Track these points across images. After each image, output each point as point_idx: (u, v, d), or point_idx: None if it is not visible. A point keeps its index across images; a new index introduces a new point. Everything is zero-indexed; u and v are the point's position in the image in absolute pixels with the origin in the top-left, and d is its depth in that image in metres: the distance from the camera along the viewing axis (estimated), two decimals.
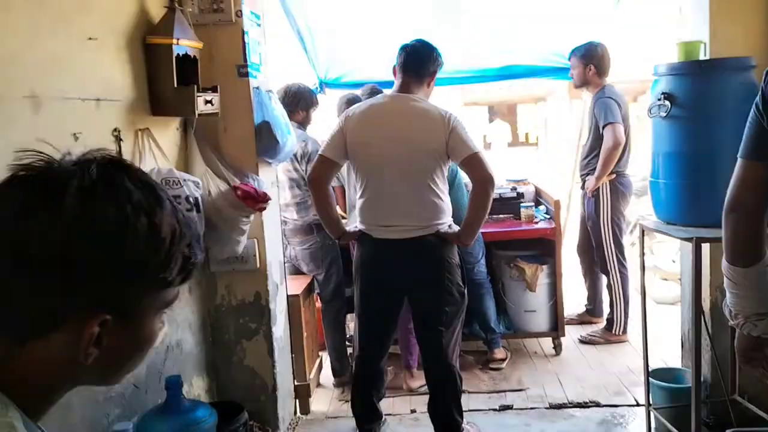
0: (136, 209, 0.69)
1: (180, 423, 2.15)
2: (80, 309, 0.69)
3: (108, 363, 0.74)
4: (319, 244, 3.42)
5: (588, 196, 3.74)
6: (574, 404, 3.08)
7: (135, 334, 0.74)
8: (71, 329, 0.69)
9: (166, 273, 0.72)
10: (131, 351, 0.76)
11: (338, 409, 3.16)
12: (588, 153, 3.76)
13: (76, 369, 0.72)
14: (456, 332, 2.63)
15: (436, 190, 2.51)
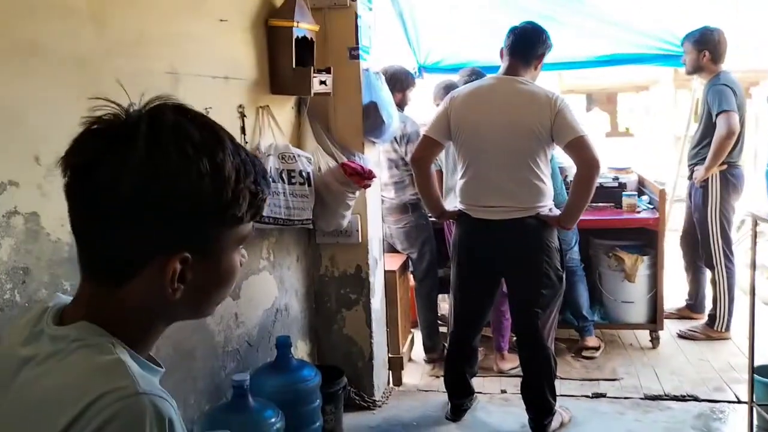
0: (198, 151, 0.72)
1: (288, 379, 2.32)
2: (160, 249, 0.73)
3: (196, 297, 0.78)
4: (414, 223, 3.51)
5: (696, 186, 3.61)
6: (671, 397, 3.02)
7: (216, 268, 0.78)
8: (156, 269, 0.74)
9: (235, 209, 0.75)
10: (216, 284, 0.80)
11: (429, 384, 3.26)
12: (698, 142, 3.62)
13: (168, 305, 0.77)
14: (552, 315, 2.64)
15: (539, 173, 2.53)
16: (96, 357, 0.71)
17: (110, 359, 0.71)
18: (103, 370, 0.70)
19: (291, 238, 2.77)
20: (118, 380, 0.68)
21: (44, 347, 0.75)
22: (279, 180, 2.47)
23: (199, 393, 2.14)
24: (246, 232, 0.80)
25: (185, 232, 0.74)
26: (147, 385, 0.69)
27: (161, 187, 0.71)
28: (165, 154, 0.71)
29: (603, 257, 3.66)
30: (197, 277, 0.76)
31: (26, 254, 1.51)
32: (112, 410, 0.65)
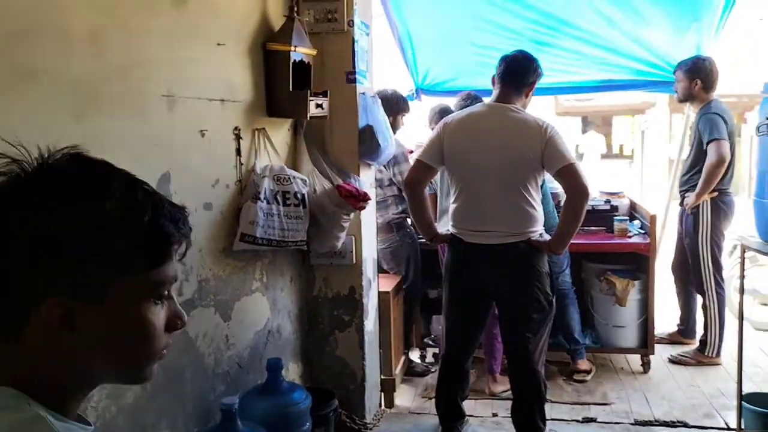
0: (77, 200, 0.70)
1: (279, 402, 2.32)
2: (36, 297, 0.70)
3: (104, 352, 0.73)
4: (399, 242, 3.59)
5: (687, 212, 3.65)
6: (661, 422, 3.02)
7: (116, 320, 0.73)
8: (40, 319, 0.70)
9: (122, 257, 0.71)
10: (122, 338, 0.74)
11: (421, 406, 3.26)
12: (689, 169, 3.67)
13: (73, 358, 0.72)
14: (543, 339, 2.66)
15: (530, 199, 2.56)
16: (14, 416, 0.68)
17: (30, 416, 0.68)
18: (24, 428, 0.67)
19: (285, 259, 2.78)
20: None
21: None
22: (273, 201, 2.49)
23: (187, 416, 2.14)
24: (154, 280, 0.74)
25: (65, 278, 0.70)
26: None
27: (35, 234, 0.69)
28: (43, 203, 0.70)
29: (594, 281, 3.68)
30: (94, 328, 0.72)
31: None
32: None
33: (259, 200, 2.42)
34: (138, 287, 0.73)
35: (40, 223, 0.69)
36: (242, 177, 2.43)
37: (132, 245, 0.71)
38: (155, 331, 0.75)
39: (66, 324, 0.70)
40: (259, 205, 2.42)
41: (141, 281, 0.73)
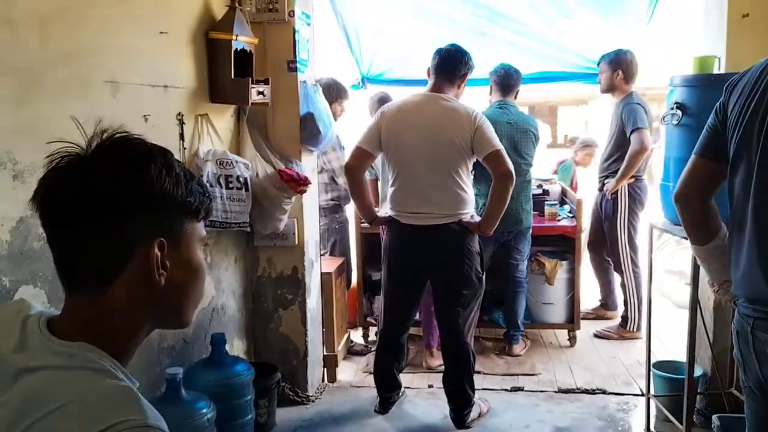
0: (146, 158, 0.85)
1: (222, 374, 2.45)
2: (138, 242, 0.84)
3: (176, 292, 0.88)
4: (326, 226, 3.79)
5: (607, 197, 3.91)
6: (582, 390, 3.28)
7: (187, 260, 0.89)
8: (138, 261, 0.84)
9: (192, 202, 0.87)
10: (190, 278, 0.90)
11: (362, 380, 3.43)
12: (609, 156, 3.92)
13: (154, 302, 0.86)
14: (472, 313, 2.86)
15: (461, 182, 2.74)
16: (106, 384, 0.78)
17: (122, 388, 0.78)
18: (116, 399, 0.76)
19: (229, 240, 2.90)
20: (130, 411, 0.74)
21: (45, 359, 0.80)
22: (216, 185, 2.60)
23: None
24: (203, 232, 0.92)
25: (156, 222, 0.85)
26: (155, 418, 0.76)
27: (125, 189, 0.83)
28: (120, 164, 0.84)
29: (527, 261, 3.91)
30: (174, 268, 0.86)
31: None
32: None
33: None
34: (198, 236, 0.91)
35: (127, 179, 0.83)
36: (186, 161, 2.53)
37: (194, 195, 0.88)
38: (205, 274, 0.93)
39: (162, 263, 0.86)
40: None
41: (199, 230, 0.91)
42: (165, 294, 0.87)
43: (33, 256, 1.77)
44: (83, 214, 0.82)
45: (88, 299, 0.85)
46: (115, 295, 0.84)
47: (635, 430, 2.89)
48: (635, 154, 3.69)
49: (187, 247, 0.89)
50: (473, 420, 2.89)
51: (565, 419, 2.97)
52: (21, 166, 1.76)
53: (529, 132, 3.55)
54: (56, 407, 0.75)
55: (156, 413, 0.79)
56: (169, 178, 0.86)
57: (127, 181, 0.83)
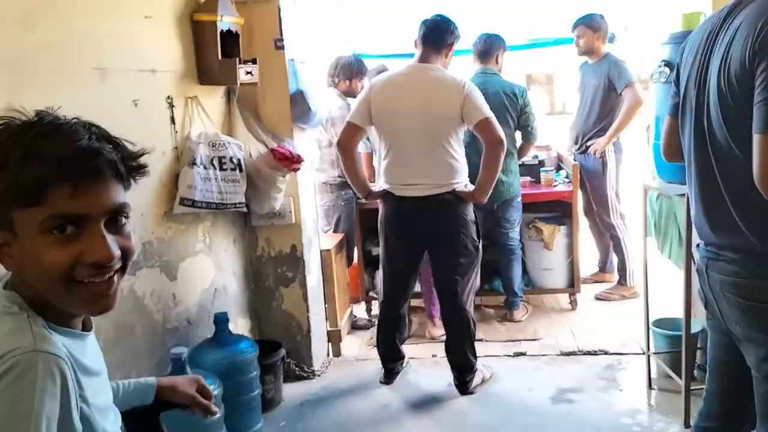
0: None
1: (226, 353, 2.49)
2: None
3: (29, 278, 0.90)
4: (332, 203, 3.83)
5: (596, 157, 3.93)
6: (584, 352, 3.32)
7: (23, 249, 0.88)
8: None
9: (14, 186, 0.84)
10: (31, 268, 0.89)
11: (367, 353, 3.47)
12: (597, 116, 3.94)
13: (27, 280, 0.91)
14: (470, 281, 2.89)
15: (452, 152, 2.76)
16: (10, 323, 0.87)
17: (18, 324, 0.86)
18: (11, 333, 0.85)
19: (227, 221, 2.93)
20: (18, 341, 0.83)
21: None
22: (210, 166, 2.62)
23: (141, 368, 2.29)
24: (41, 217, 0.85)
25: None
26: (44, 344, 0.84)
27: None
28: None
29: (524, 228, 3.94)
30: (16, 255, 0.88)
31: None
32: (9, 363, 0.80)
33: (196, 165, 2.55)
34: (34, 222, 0.86)
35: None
36: (178, 144, 2.55)
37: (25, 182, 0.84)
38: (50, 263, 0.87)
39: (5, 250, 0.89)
40: (196, 170, 2.55)
41: (32, 216, 0.85)
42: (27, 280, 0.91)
43: None
44: None
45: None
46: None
47: (637, 388, 2.93)
48: (631, 109, 3.76)
49: (22, 234, 0.87)
50: (476, 386, 2.94)
51: (567, 380, 3.02)
52: None
53: (510, 99, 3.53)
54: None
55: (52, 341, 0.86)
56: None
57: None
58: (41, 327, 0.88)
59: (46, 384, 0.81)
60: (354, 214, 3.83)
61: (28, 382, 0.81)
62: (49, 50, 1.90)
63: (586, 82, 4.02)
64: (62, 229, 0.87)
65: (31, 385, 0.80)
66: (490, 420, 2.72)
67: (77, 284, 0.89)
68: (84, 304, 0.92)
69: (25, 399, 0.80)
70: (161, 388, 1.28)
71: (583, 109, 4.06)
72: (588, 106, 4.00)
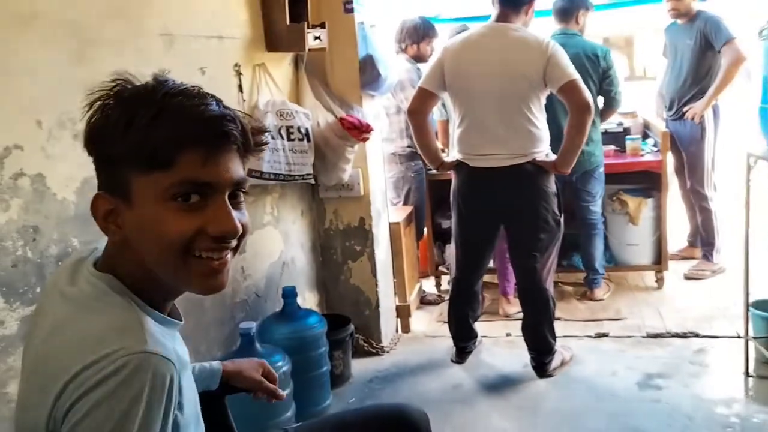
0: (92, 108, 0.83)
1: (295, 327, 2.43)
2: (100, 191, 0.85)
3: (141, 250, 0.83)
4: (401, 174, 3.69)
5: (695, 122, 3.61)
6: (672, 334, 3.08)
7: (140, 218, 0.82)
8: (96, 214, 0.85)
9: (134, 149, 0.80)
10: (147, 238, 0.83)
11: (437, 330, 3.36)
12: (692, 79, 3.62)
13: (134, 254, 0.84)
14: (551, 258, 2.71)
15: (533, 119, 2.56)
16: (116, 314, 0.80)
17: (126, 318, 0.80)
18: (119, 328, 0.78)
19: (294, 193, 2.85)
20: (129, 339, 0.76)
21: (82, 289, 0.84)
22: (278, 136, 2.54)
23: (210, 341, 2.27)
24: (166, 183, 0.80)
25: (104, 176, 0.84)
26: (156, 345, 0.77)
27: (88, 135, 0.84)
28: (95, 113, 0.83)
29: (608, 201, 3.69)
30: (129, 225, 0.83)
31: (35, 213, 1.61)
32: (118, 364, 0.73)
33: None
34: (158, 189, 0.80)
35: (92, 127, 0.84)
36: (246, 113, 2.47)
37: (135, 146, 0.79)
38: (170, 232, 0.81)
39: (115, 218, 0.84)
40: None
41: (158, 183, 0.80)
42: (129, 250, 0.84)
43: None
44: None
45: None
46: (109, 243, 0.88)
47: (732, 375, 2.69)
48: (732, 67, 3.43)
49: (140, 202, 0.82)
50: (556, 368, 2.78)
51: (655, 365, 2.80)
52: (81, 126, 1.73)
53: (591, 61, 3.25)
54: (66, 337, 0.79)
55: (163, 343, 0.79)
56: (106, 125, 0.81)
57: (92, 129, 0.84)
58: (147, 318, 0.82)
59: (155, 393, 0.74)
60: (424, 186, 3.69)
61: (136, 390, 0.73)
62: (115, 14, 1.84)
63: (677, 43, 3.68)
64: (187, 197, 0.81)
65: (138, 394, 0.73)
66: (571, 405, 2.56)
67: (193, 258, 0.83)
68: (199, 280, 0.85)
69: (131, 410, 0.73)
70: (227, 373, 1.22)
71: (675, 73, 3.74)
72: (681, 69, 3.67)
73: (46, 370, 0.78)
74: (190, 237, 0.81)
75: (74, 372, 0.73)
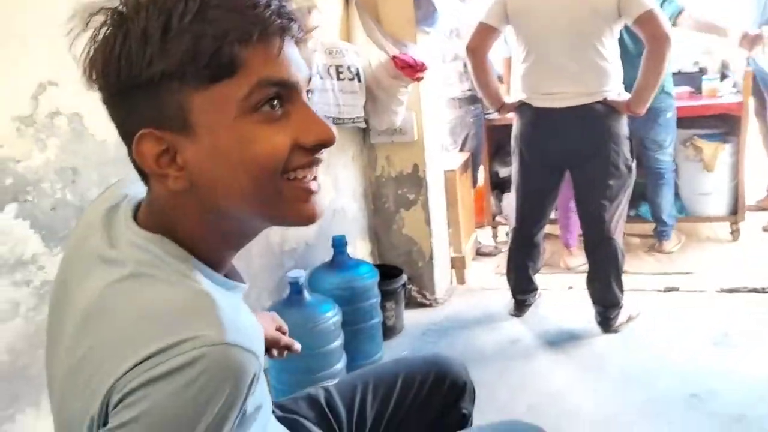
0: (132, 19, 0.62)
1: (345, 276, 2.33)
2: (126, 136, 0.66)
3: (217, 186, 0.66)
4: (459, 119, 3.53)
5: None
6: (749, 289, 2.85)
7: (214, 143, 0.64)
8: (141, 160, 0.66)
9: (180, 63, 0.61)
10: (227, 164, 0.65)
11: (493, 282, 3.22)
12: None
13: (197, 201, 0.67)
14: (621, 207, 2.51)
15: (605, 54, 2.33)
16: (180, 289, 0.64)
17: (197, 295, 0.64)
18: (189, 309, 0.62)
19: (344, 137, 2.71)
20: (202, 324, 0.60)
21: (129, 253, 0.67)
22: (327, 76, 2.39)
23: (259, 290, 2.19)
24: (242, 91, 0.63)
25: (137, 110, 0.64)
26: (236, 334, 0.61)
27: (103, 63, 0.63)
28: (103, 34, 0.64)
29: (680, 147, 3.42)
30: (196, 159, 0.65)
31: (73, 154, 1.53)
32: (192, 355, 0.58)
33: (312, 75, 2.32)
34: (229, 102, 0.63)
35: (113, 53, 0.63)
36: None
37: (179, 53, 0.60)
38: (265, 147, 0.64)
39: (170, 160, 0.65)
40: (313, 80, 2.32)
41: (225, 94, 0.62)
42: (210, 196, 0.66)
43: None
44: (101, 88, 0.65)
45: (152, 189, 0.71)
46: (159, 201, 0.69)
47: None
48: None
49: (207, 124, 0.63)
50: (621, 324, 2.60)
51: (731, 322, 2.59)
52: None
53: None
54: (118, 316, 0.63)
55: (241, 327, 0.61)
56: (127, 43, 0.61)
57: (112, 53, 0.62)
58: (217, 292, 0.65)
59: (233, 396, 0.59)
60: (482, 132, 3.50)
61: (211, 391, 0.58)
62: None
63: None
64: (272, 103, 0.64)
65: (212, 395, 0.58)
66: (638, 363, 2.39)
67: (287, 182, 0.67)
68: (298, 207, 0.68)
69: (202, 412, 0.58)
70: None
71: (758, 3, 3.37)
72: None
73: (91, 354, 0.63)
74: (289, 153, 0.65)
75: (135, 361, 0.58)
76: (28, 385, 1.41)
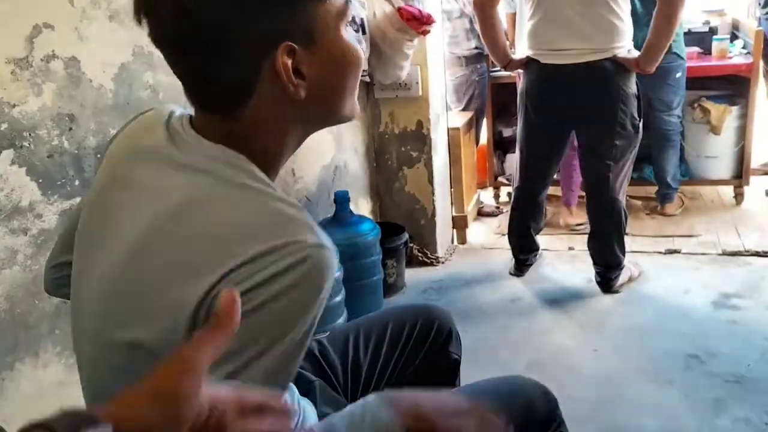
0: None
1: (347, 233, 2.31)
2: (264, 51, 0.70)
3: (325, 92, 0.75)
4: (464, 77, 3.45)
5: None
6: (751, 253, 2.85)
7: (330, 52, 0.73)
8: (268, 74, 0.70)
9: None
10: (339, 70, 0.75)
11: (494, 242, 3.21)
12: None
13: (298, 109, 0.73)
14: (625, 167, 2.47)
15: (616, 9, 2.26)
16: (276, 199, 0.69)
17: (291, 206, 0.69)
18: (284, 215, 0.68)
19: None
20: (302, 228, 0.67)
21: (200, 159, 0.72)
22: None
23: None
24: (338, 7, 0.72)
25: (277, 25, 0.69)
26: (325, 238, 0.68)
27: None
28: None
29: (687, 109, 3.36)
30: (316, 68, 0.72)
31: (70, 100, 1.48)
32: (301, 255, 0.64)
33: None
34: (333, 14, 0.72)
35: None
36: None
37: None
38: (358, 54, 0.76)
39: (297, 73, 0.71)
40: None
41: (332, 6, 0.72)
42: (312, 102, 0.74)
43: (140, 105, 1.62)
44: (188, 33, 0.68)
45: (221, 118, 0.74)
46: (249, 119, 0.73)
47: None
48: None
49: (324, 36, 0.72)
50: (622, 284, 2.60)
51: (732, 284, 2.60)
52: (116, 6, 1.58)
53: None
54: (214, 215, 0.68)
55: (324, 233, 0.70)
56: None
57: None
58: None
59: (328, 292, 0.68)
60: (487, 92, 3.44)
61: (317, 284, 0.66)
62: None
63: None
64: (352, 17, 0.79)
65: (319, 288, 0.66)
66: (639, 323, 2.40)
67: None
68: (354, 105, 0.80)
69: (314, 301, 0.66)
70: None
71: None
72: None
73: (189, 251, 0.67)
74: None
75: (244, 258, 0.63)
76: (26, 334, 1.41)
